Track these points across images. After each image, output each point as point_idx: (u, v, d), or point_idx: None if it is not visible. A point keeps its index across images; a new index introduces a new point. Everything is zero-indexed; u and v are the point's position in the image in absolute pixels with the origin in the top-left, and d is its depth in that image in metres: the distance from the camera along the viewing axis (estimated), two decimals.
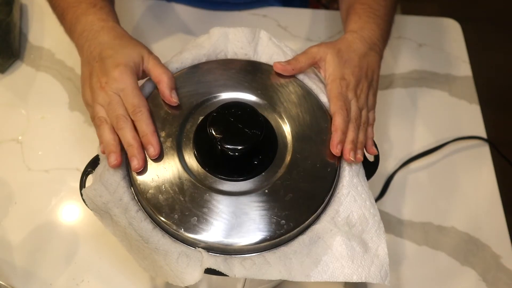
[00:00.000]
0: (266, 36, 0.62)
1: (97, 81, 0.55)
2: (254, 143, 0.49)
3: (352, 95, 0.58)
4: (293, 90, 0.58)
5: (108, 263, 0.67)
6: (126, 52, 0.56)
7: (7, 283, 0.63)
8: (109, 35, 0.58)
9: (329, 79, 0.58)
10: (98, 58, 0.57)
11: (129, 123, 0.53)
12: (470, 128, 0.82)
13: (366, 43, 0.62)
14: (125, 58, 0.55)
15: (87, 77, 0.57)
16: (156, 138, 0.52)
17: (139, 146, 0.52)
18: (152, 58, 0.57)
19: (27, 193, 0.71)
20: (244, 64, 0.60)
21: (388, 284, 0.50)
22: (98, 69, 0.56)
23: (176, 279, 0.47)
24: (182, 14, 0.90)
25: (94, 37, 0.59)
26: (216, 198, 0.50)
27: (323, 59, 0.59)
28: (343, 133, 0.54)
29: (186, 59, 0.60)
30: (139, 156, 0.51)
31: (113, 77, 0.54)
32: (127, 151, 0.52)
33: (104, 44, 0.58)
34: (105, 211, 0.51)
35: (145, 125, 0.52)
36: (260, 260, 0.48)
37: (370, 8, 0.65)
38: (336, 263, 0.49)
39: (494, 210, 0.75)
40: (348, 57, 0.60)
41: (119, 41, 0.58)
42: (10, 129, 0.76)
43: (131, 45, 0.58)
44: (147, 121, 0.53)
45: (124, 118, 0.53)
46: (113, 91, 0.54)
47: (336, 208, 0.52)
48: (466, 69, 0.88)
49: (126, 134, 0.52)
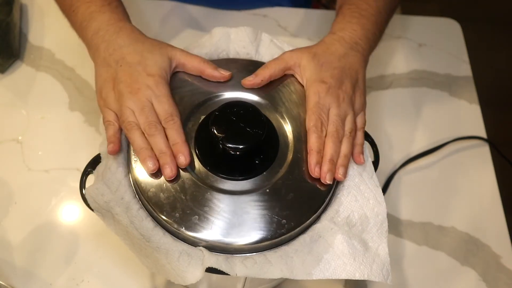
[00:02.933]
0: (268, 38, 0.62)
1: (127, 86, 0.54)
2: (255, 142, 0.49)
3: (332, 101, 0.55)
4: (294, 90, 0.58)
5: (108, 263, 0.66)
6: (155, 60, 0.55)
7: (7, 283, 0.63)
8: (129, 37, 0.57)
9: (307, 84, 0.56)
10: (122, 62, 0.55)
11: (162, 130, 0.52)
12: (470, 128, 0.82)
13: (345, 43, 0.59)
14: (156, 68, 0.55)
15: (108, 80, 0.56)
16: (187, 147, 0.51)
17: (171, 154, 0.51)
18: (179, 54, 0.57)
19: (27, 193, 0.71)
20: (246, 63, 0.60)
21: (390, 283, 0.50)
22: (126, 74, 0.55)
23: (178, 278, 0.47)
24: (183, 13, 0.90)
25: (112, 39, 0.57)
26: (217, 197, 0.50)
27: (297, 64, 0.57)
28: (318, 152, 0.52)
29: None
30: (172, 164, 0.50)
31: (147, 84, 0.54)
32: (159, 158, 0.51)
33: (126, 47, 0.56)
34: (107, 210, 0.51)
35: (176, 134, 0.52)
36: (261, 259, 0.48)
37: (357, 8, 0.63)
38: (338, 261, 0.49)
39: (494, 210, 0.75)
40: (326, 60, 0.57)
41: (142, 45, 0.57)
42: (10, 129, 0.76)
43: (157, 50, 0.56)
44: (179, 129, 0.52)
45: (157, 125, 0.52)
46: (146, 97, 0.53)
47: (336, 208, 0.52)
48: (466, 69, 0.88)
49: (159, 141, 0.52)
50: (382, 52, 0.87)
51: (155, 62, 0.55)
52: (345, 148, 0.53)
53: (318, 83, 0.55)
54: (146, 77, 0.54)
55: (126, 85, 0.54)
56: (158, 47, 0.57)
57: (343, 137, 0.54)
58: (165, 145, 0.51)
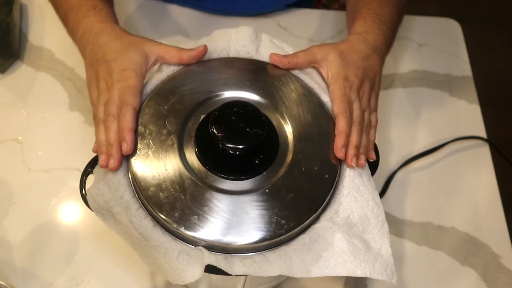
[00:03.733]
0: (268, 38, 0.63)
1: (104, 83, 0.56)
2: (255, 142, 0.49)
3: (355, 97, 0.57)
4: (294, 90, 0.58)
5: (108, 263, 0.66)
6: (130, 56, 0.57)
7: (7, 283, 0.63)
8: (109, 36, 0.59)
9: (332, 79, 0.58)
10: (102, 60, 0.58)
11: (116, 122, 0.53)
12: (470, 128, 0.82)
13: (369, 46, 0.62)
14: (130, 63, 0.56)
15: (93, 79, 0.58)
16: (130, 134, 0.52)
17: (118, 145, 0.52)
18: (156, 48, 0.58)
19: (27, 193, 0.71)
20: (246, 62, 0.60)
21: (395, 283, 0.50)
22: (104, 71, 0.57)
23: (176, 277, 0.47)
24: (182, 16, 0.90)
25: (94, 40, 0.60)
26: (216, 196, 0.50)
27: (325, 59, 0.59)
28: (347, 136, 0.54)
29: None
30: (116, 156, 0.51)
31: (118, 79, 0.55)
32: (107, 150, 0.52)
33: (105, 46, 0.59)
34: (107, 209, 0.51)
35: (122, 121, 0.53)
36: (260, 258, 0.48)
37: (376, 14, 0.66)
38: (337, 258, 0.49)
39: (494, 210, 0.75)
40: (351, 59, 0.60)
41: (120, 42, 0.59)
42: (10, 129, 0.76)
43: (133, 46, 0.58)
44: (128, 117, 0.53)
45: (113, 117, 0.53)
46: (117, 91, 0.55)
47: (336, 208, 0.52)
48: (466, 69, 0.88)
49: (110, 133, 0.53)
50: None
51: (130, 58, 0.57)
52: (365, 140, 0.56)
53: (343, 80, 0.57)
54: (119, 72, 0.56)
55: (104, 82, 0.56)
56: (135, 44, 0.58)
57: (364, 129, 0.57)
58: (114, 137, 0.52)
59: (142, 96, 0.56)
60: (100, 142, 0.54)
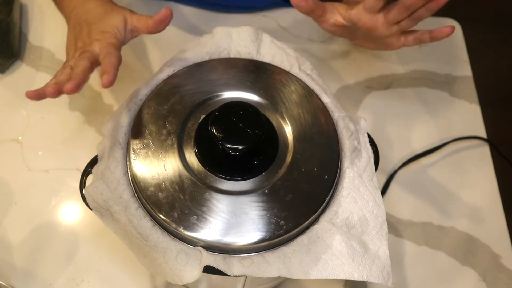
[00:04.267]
0: (268, 39, 0.62)
1: (82, 42, 0.60)
2: (255, 143, 0.49)
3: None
4: (295, 91, 0.58)
5: (108, 263, 0.67)
6: (110, 19, 0.61)
7: (7, 283, 0.63)
8: (95, 2, 0.64)
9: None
10: (84, 23, 0.62)
11: (89, 61, 0.57)
12: (470, 128, 0.82)
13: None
14: (109, 27, 0.60)
15: (72, 40, 0.62)
16: (81, 75, 0.55)
17: (86, 71, 0.56)
18: (134, 18, 0.62)
19: (27, 193, 0.71)
20: (247, 63, 0.60)
21: (391, 285, 0.50)
22: (84, 33, 0.61)
23: (175, 277, 0.47)
24: (183, 14, 0.90)
25: (80, 5, 0.64)
26: (216, 197, 0.50)
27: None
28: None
29: (189, 57, 0.60)
30: (80, 76, 0.55)
31: (96, 38, 0.59)
32: (72, 77, 0.55)
33: (89, 11, 0.63)
34: (106, 208, 0.51)
35: (78, 62, 0.56)
36: (259, 259, 0.48)
37: None
38: (336, 261, 0.49)
39: (494, 210, 0.75)
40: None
41: (103, 8, 0.63)
42: (10, 129, 0.76)
43: (114, 11, 0.62)
44: (84, 57, 0.57)
45: (86, 56, 0.57)
46: (94, 47, 0.59)
47: (335, 209, 0.52)
48: (466, 69, 0.88)
49: (79, 66, 0.56)
50: (382, 52, 0.87)
51: (109, 22, 0.61)
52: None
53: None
54: (99, 33, 0.60)
55: (81, 41, 0.61)
56: (116, 11, 0.63)
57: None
58: (83, 68, 0.56)
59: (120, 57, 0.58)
60: (59, 78, 0.56)
